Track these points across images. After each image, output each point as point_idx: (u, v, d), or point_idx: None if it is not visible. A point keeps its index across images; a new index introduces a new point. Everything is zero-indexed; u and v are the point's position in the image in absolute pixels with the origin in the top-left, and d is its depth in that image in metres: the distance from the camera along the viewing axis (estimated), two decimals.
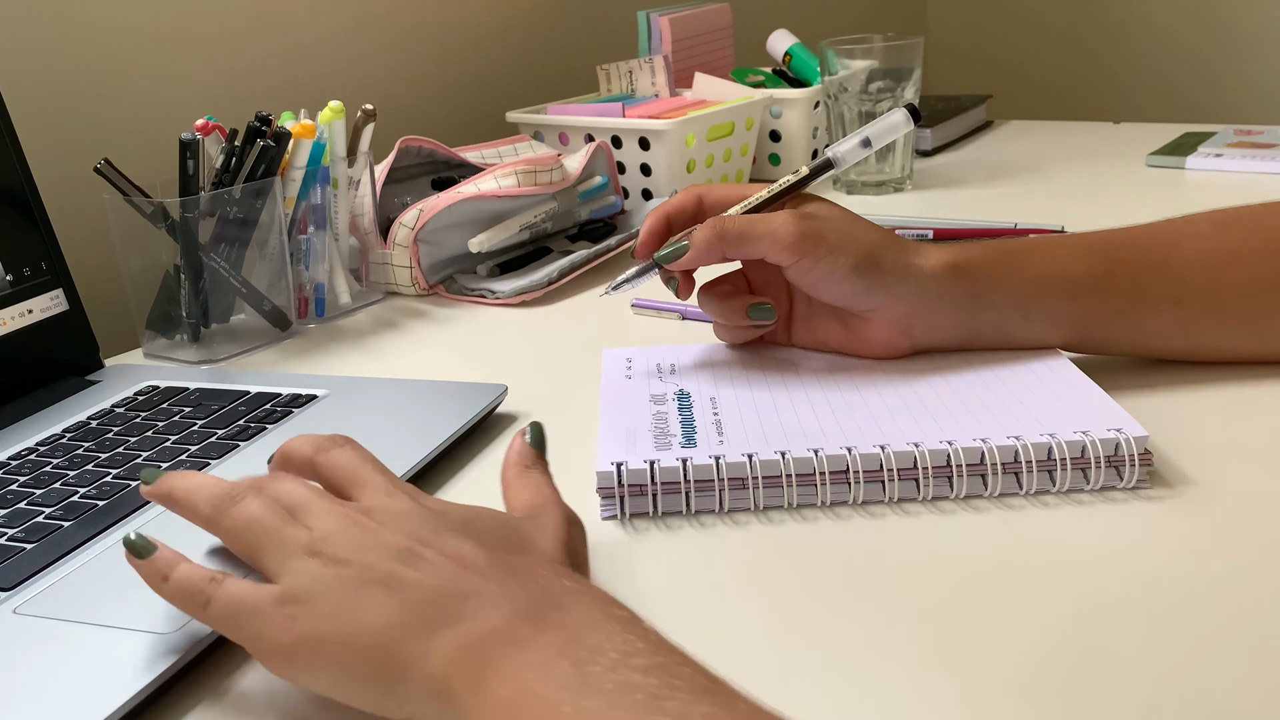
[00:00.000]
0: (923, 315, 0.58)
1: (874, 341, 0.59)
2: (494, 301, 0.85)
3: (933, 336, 0.59)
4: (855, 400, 0.56)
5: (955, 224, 0.91)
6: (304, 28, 1.08)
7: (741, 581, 0.45)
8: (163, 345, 0.79)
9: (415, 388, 0.65)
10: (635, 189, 1.07)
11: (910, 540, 0.47)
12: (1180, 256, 0.58)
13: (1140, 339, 0.59)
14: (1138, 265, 0.58)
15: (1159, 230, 0.59)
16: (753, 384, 0.59)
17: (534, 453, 0.46)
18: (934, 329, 0.58)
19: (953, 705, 0.37)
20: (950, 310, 0.58)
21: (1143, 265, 0.58)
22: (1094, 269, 0.57)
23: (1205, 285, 0.57)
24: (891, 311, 0.58)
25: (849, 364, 0.61)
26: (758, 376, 0.60)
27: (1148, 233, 0.59)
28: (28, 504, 0.54)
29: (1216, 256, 0.57)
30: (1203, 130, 1.23)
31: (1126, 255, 0.58)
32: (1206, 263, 0.57)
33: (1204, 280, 0.57)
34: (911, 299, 0.57)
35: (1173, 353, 0.60)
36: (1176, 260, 0.58)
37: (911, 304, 0.57)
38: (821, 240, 0.56)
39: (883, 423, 0.53)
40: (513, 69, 1.30)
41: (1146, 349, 0.60)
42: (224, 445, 0.59)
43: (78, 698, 0.39)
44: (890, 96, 1.07)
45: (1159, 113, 2.06)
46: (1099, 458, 0.49)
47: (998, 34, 2.27)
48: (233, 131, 0.78)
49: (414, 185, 0.97)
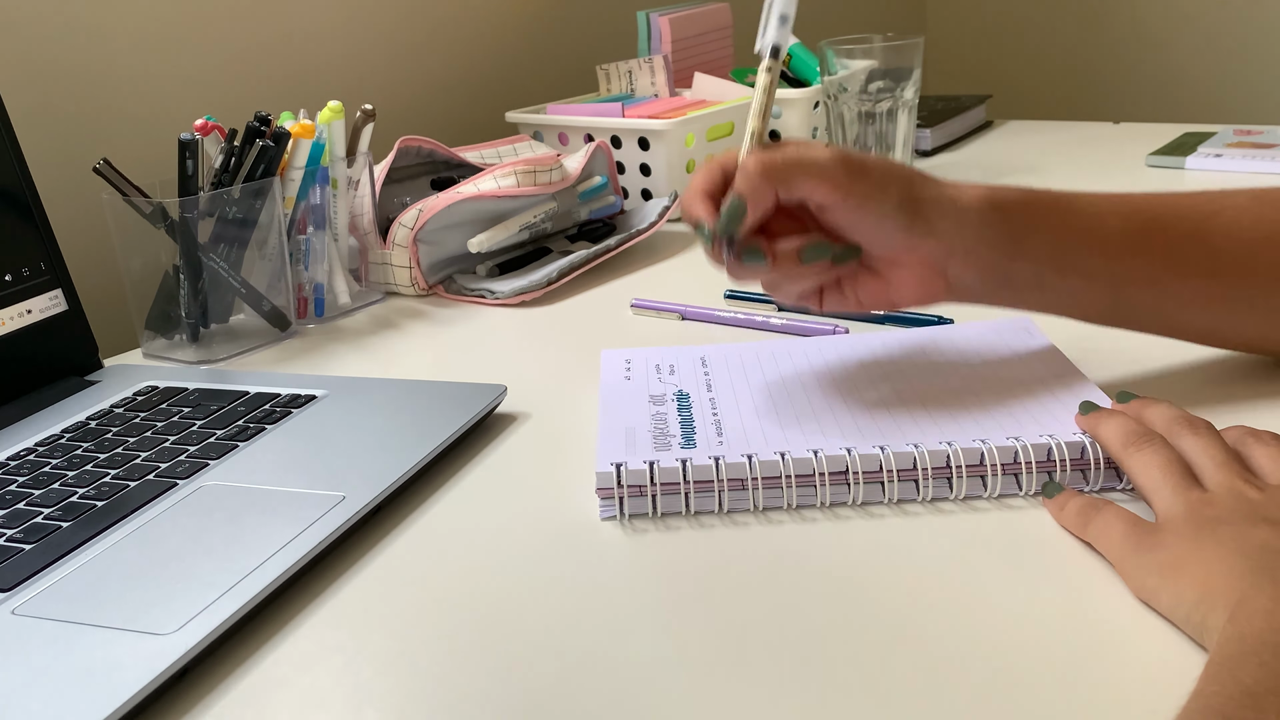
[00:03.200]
0: (959, 254, 0.55)
1: (909, 285, 0.56)
2: (493, 301, 0.85)
3: (968, 279, 0.56)
4: (855, 401, 0.56)
5: None
6: (304, 28, 1.08)
7: (741, 582, 0.45)
8: (162, 345, 0.79)
9: (415, 388, 0.65)
10: (635, 189, 1.07)
11: (910, 541, 0.47)
12: (1217, 228, 0.56)
13: (1172, 310, 0.57)
14: (1174, 230, 0.56)
15: (1199, 200, 0.58)
16: (752, 385, 0.59)
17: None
18: (969, 269, 0.56)
19: (953, 705, 0.37)
20: (988, 249, 0.55)
21: (1179, 231, 0.56)
22: (1130, 227, 0.56)
23: (1239, 260, 0.56)
24: (927, 251, 0.55)
25: (849, 364, 0.61)
26: (757, 377, 0.60)
27: (1188, 200, 0.58)
28: (27, 504, 0.54)
29: (1253, 234, 0.56)
30: (1203, 130, 1.23)
31: (1164, 219, 0.56)
32: (1243, 238, 0.56)
33: (1238, 254, 0.56)
34: (949, 235, 0.55)
35: (1198, 329, 0.59)
36: (1213, 231, 0.56)
37: (949, 241, 0.55)
38: (866, 174, 0.53)
39: (882, 423, 0.53)
40: (513, 69, 1.30)
41: (1177, 322, 0.58)
42: (223, 445, 0.59)
43: (77, 698, 0.39)
44: (890, 96, 1.07)
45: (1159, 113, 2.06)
46: (1098, 459, 0.49)
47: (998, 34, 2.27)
48: (232, 131, 0.78)
49: (413, 185, 0.97)
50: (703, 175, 0.56)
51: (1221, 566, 0.39)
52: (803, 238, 0.55)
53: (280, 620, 0.45)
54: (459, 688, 0.40)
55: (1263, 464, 0.46)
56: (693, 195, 0.55)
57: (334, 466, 0.55)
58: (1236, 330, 0.59)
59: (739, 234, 0.54)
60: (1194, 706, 0.33)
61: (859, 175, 0.53)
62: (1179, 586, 0.40)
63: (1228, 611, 0.37)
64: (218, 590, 0.44)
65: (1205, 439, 0.47)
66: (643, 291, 0.84)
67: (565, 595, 0.45)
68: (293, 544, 0.48)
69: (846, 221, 0.54)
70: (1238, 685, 0.33)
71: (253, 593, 0.44)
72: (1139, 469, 0.47)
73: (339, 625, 0.45)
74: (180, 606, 0.44)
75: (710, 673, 0.40)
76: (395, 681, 0.41)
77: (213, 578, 0.46)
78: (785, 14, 0.58)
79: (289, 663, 0.42)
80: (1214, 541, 0.41)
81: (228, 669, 0.42)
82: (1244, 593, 0.37)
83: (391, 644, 0.43)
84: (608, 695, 0.39)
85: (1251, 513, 0.42)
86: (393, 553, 0.50)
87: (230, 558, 0.47)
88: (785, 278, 0.56)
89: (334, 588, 0.47)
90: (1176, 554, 0.41)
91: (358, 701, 0.40)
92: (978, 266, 0.56)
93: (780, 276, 0.56)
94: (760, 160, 0.53)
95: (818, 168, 0.53)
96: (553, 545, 0.49)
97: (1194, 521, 0.42)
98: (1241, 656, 0.34)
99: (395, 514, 0.53)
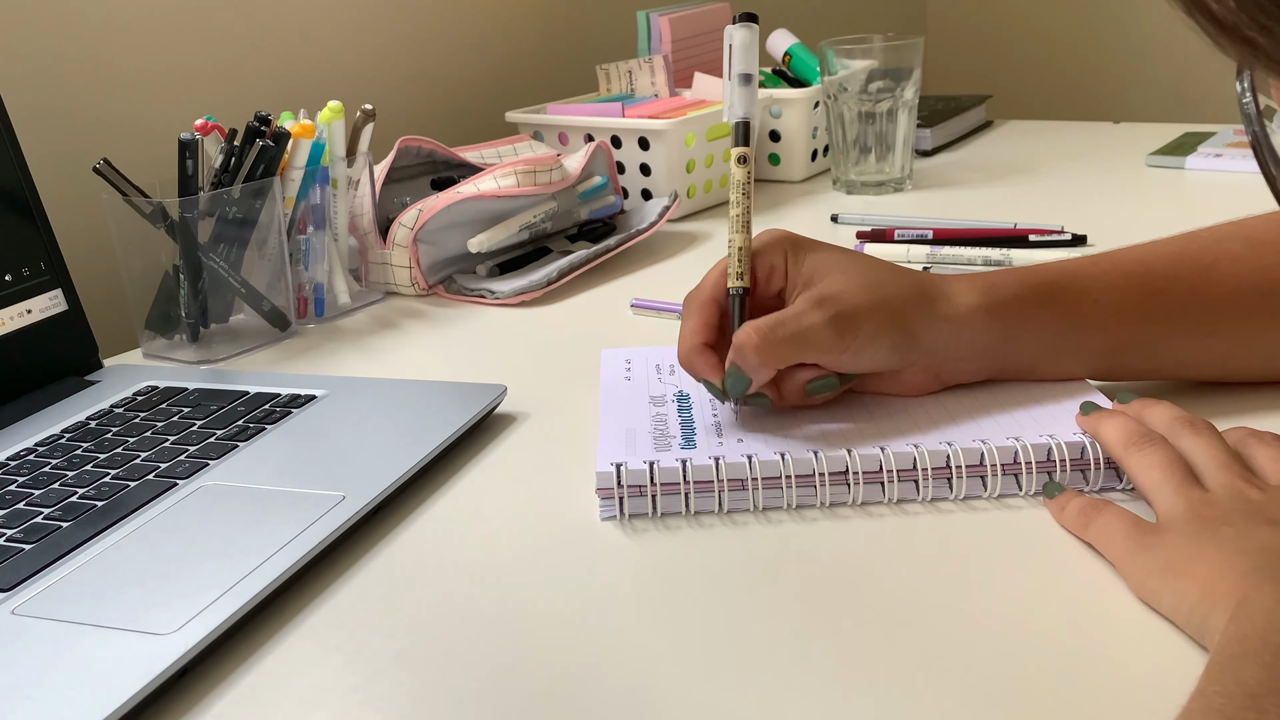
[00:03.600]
0: (953, 361, 0.56)
1: (903, 386, 0.57)
2: (493, 301, 0.85)
3: (960, 377, 0.57)
4: (855, 401, 0.56)
5: (955, 224, 0.91)
6: (303, 27, 1.07)
7: (741, 582, 0.45)
8: (162, 345, 0.79)
9: (415, 388, 0.65)
10: (635, 189, 1.07)
11: (910, 541, 0.47)
12: (1214, 284, 0.56)
13: (1172, 368, 0.58)
14: (1171, 294, 0.56)
15: (1193, 249, 0.58)
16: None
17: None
18: (963, 371, 0.57)
19: (952, 705, 0.37)
20: (981, 355, 0.56)
21: (1177, 293, 0.56)
22: (1127, 302, 0.56)
23: (1239, 315, 0.56)
24: (923, 364, 0.56)
25: None
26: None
27: (1182, 252, 0.58)
28: (27, 504, 0.54)
29: (1250, 285, 0.56)
30: (1203, 130, 1.23)
31: (1160, 282, 0.56)
32: (1241, 293, 0.56)
33: (1238, 310, 0.56)
34: (943, 351, 0.55)
35: (1203, 379, 0.59)
36: (1211, 288, 0.56)
37: (943, 355, 0.56)
38: (857, 330, 0.53)
39: (882, 423, 0.53)
40: (513, 69, 1.29)
41: (1176, 377, 0.59)
42: (223, 445, 0.59)
43: (77, 698, 0.39)
44: (890, 96, 1.07)
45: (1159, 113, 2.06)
46: (1098, 459, 0.49)
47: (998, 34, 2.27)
48: (232, 131, 0.78)
49: (413, 185, 0.97)
50: (697, 321, 0.56)
51: (1223, 567, 0.39)
52: (806, 371, 0.54)
53: (280, 620, 0.45)
54: (459, 688, 0.40)
55: (1264, 465, 0.46)
56: (692, 350, 0.56)
57: (334, 466, 0.55)
58: (1240, 374, 0.58)
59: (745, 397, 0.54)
60: (1194, 706, 0.33)
61: (851, 334, 0.53)
62: (1180, 587, 0.40)
63: (1229, 612, 0.37)
64: (218, 590, 0.44)
65: (1206, 439, 0.47)
66: (643, 291, 0.84)
67: (565, 595, 0.45)
68: (293, 544, 0.48)
69: (839, 365, 0.54)
70: (1239, 685, 0.33)
71: (253, 593, 0.44)
72: (1140, 469, 0.47)
73: (339, 625, 0.45)
74: (180, 606, 0.44)
75: (710, 672, 0.40)
76: (395, 681, 0.41)
77: (213, 578, 0.46)
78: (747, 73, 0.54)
79: (289, 663, 0.42)
80: (1215, 542, 0.41)
81: (228, 669, 0.42)
82: (1245, 593, 0.37)
83: (391, 644, 0.43)
84: (608, 695, 0.39)
85: (1253, 513, 0.42)
86: (392, 553, 0.50)
87: (230, 558, 0.47)
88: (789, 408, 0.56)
89: (334, 588, 0.47)
90: (1178, 554, 0.41)
91: (358, 701, 0.40)
92: (972, 368, 0.57)
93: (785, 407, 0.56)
94: (756, 348, 0.52)
95: (811, 340, 0.53)
96: (553, 545, 0.49)
97: (1195, 522, 0.42)
98: (1243, 657, 0.34)
99: (395, 514, 0.53)
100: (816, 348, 0.53)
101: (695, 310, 0.56)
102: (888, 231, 0.91)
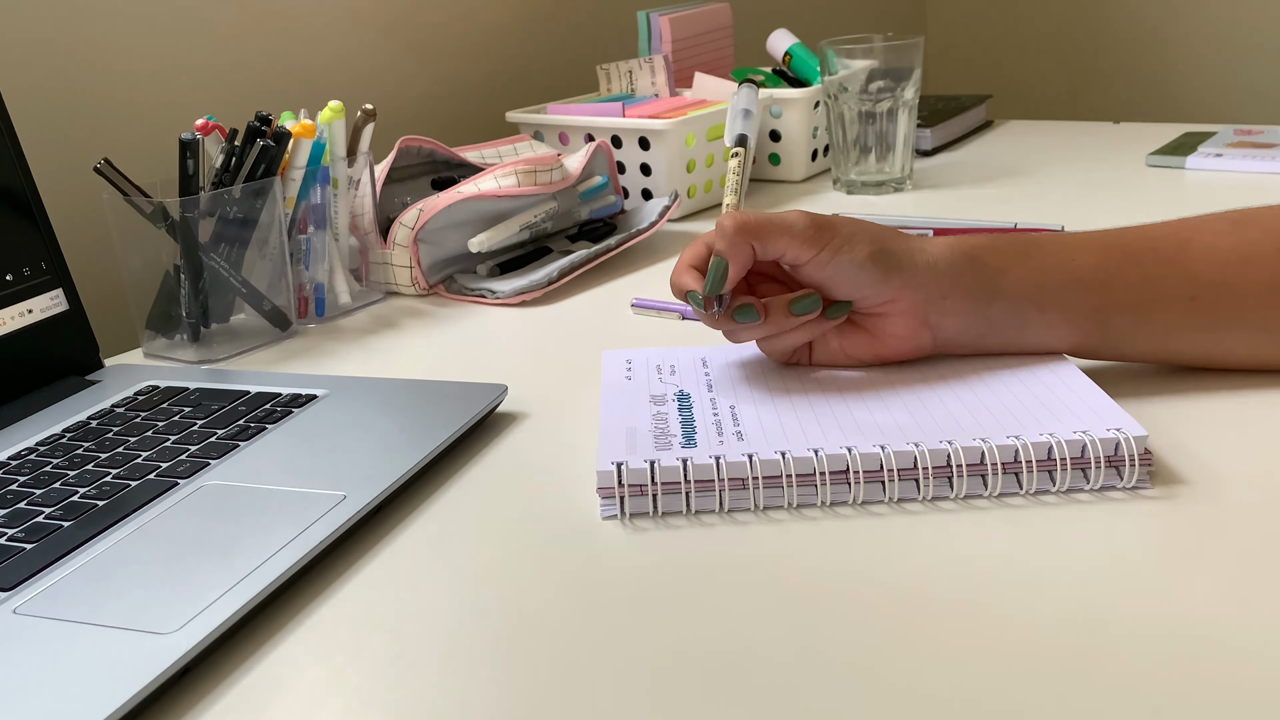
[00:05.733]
0: (937, 300, 0.57)
1: (895, 337, 0.59)
2: (494, 301, 0.85)
3: (949, 325, 0.58)
4: (855, 400, 0.56)
5: (955, 224, 0.91)
6: (304, 27, 1.08)
7: (742, 581, 0.45)
8: (163, 345, 0.79)
9: (415, 388, 0.65)
10: (635, 189, 1.07)
11: (910, 540, 0.47)
12: (1194, 253, 0.57)
13: (1156, 337, 0.58)
14: (1151, 260, 0.57)
15: (1173, 228, 0.59)
16: (752, 385, 0.59)
17: None
18: (949, 316, 0.58)
19: (952, 705, 0.37)
20: (964, 295, 0.57)
21: (1156, 260, 0.57)
22: (1106, 263, 0.57)
23: (1220, 282, 0.56)
24: (907, 301, 0.57)
25: None
26: (757, 377, 0.60)
27: (1162, 229, 0.59)
28: (28, 504, 0.54)
29: (1233, 255, 0.57)
30: (1203, 130, 1.23)
31: (1138, 250, 0.58)
32: (1222, 260, 0.57)
33: (1218, 277, 0.56)
34: (926, 285, 0.57)
35: (1189, 355, 0.59)
36: (1191, 257, 0.57)
37: (927, 290, 0.57)
38: (835, 231, 0.57)
39: (882, 422, 0.53)
40: (513, 69, 1.30)
41: (1163, 350, 0.59)
42: (224, 445, 0.59)
43: (78, 698, 0.39)
44: (890, 96, 1.07)
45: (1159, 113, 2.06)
46: (1099, 458, 0.49)
47: (998, 34, 2.27)
48: (232, 131, 0.78)
49: (414, 185, 0.97)
50: (688, 251, 0.61)
51: None
52: (793, 294, 0.58)
53: (280, 620, 0.45)
54: (459, 688, 0.40)
55: None
56: (680, 269, 0.60)
57: (335, 466, 0.55)
58: (1227, 352, 0.59)
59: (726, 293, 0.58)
60: None
61: (828, 231, 0.57)
62: None
63: None
64: (218, 590, 0.44)
65: None
66: (643, 291, 0.84)
67: (566, 594, 0.45)
68: (293, 544, 0.48)
69: (823, 277, 0.58)
70: None
71: (253, 592, 0.44)
72: None
73: (339, 625, 0.45)
74: (181, 606, 0.44)
75: (711, 672, 0.40)
76: (395, 681, 0.41)
77: (213, 577, 0.46)
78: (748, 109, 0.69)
79: (289, 663, 0.42)
80: None
81: (228, 669, 0.42)
82: None
83: (391, 644, 0.43)
84: (608, 695, 0.39)
85: None
86: (393, 553, 0.50)
87: (231, 557, 0.47)
88: (778, 332, 0.59)
89: (334, 588, 0.47)
90: None
91: (358, 701, 0.40)
92: (957, 313, 0.58)
93: (773, 330, 0.59)
94: (735, 219, 0.57)
95: (788, 225, 0.57)
96: (553, 545, 0.49)
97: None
98: None
99: (396, 514, 0.53)
100: (790, 233, 0.57)
101: (689, 248, 0.61)
102: None
